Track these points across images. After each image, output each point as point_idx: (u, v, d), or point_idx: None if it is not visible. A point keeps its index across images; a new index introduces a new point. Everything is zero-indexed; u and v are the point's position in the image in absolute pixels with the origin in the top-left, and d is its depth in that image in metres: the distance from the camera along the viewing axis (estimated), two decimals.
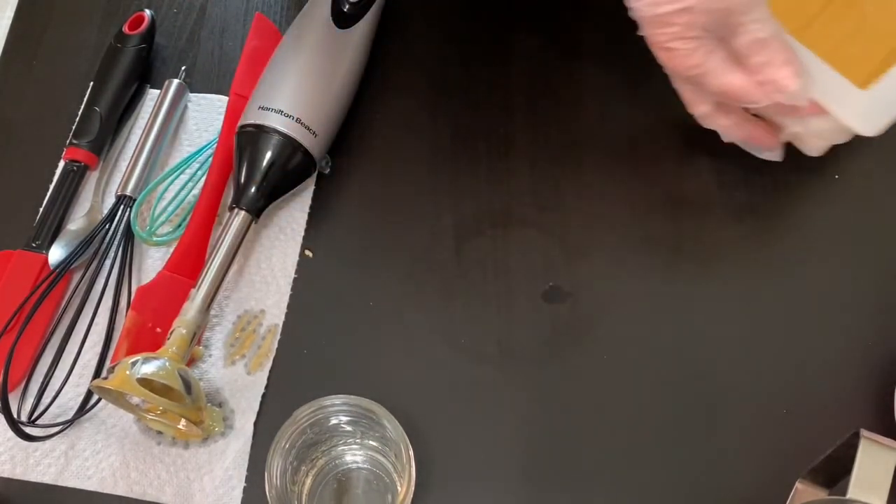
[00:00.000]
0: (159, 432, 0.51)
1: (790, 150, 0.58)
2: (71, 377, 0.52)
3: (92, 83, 0.60)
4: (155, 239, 0.56)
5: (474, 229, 0.56)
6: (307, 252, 0.56)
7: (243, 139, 0.54)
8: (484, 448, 0.51)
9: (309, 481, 0.49)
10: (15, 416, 0.49)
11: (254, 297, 0.55)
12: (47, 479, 0.51)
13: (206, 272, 0.51)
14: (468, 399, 0.52)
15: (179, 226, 0.57)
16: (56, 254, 0.55)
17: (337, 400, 0.46)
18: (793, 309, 0.54)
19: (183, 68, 0.62)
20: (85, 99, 0.60)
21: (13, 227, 0.57)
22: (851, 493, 0.37)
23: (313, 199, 0.58)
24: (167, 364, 0.46)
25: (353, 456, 0.50)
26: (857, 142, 0.59)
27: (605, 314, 0.54)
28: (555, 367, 0.52)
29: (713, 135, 0.50)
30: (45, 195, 0.58)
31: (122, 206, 0.56)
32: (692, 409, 0.51)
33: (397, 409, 0.46)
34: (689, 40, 0.41)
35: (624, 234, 0.55)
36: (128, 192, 0.57)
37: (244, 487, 0.50)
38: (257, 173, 0.53)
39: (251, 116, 0.54)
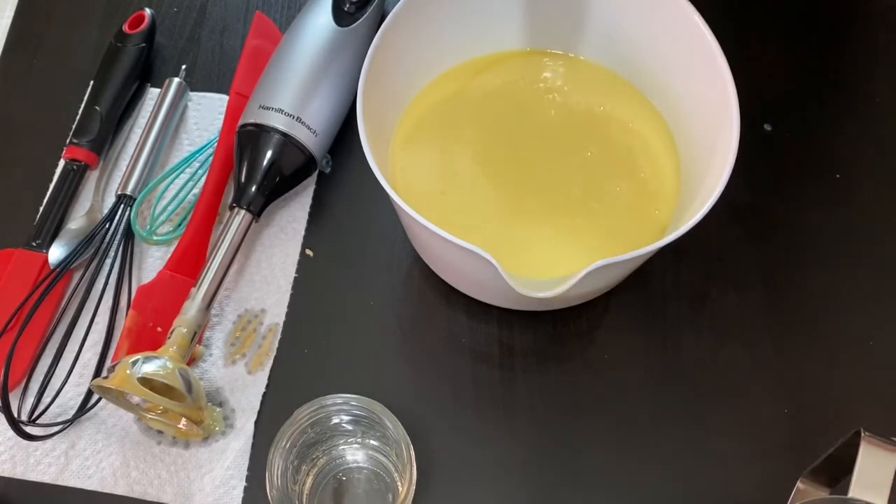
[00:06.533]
0: (160, 432, 0.51)
1: (791, 149, 0.59)
2: (71, 376, 0.51)
3: (92, 82, 0.60)
4: (155, 238, 0.56)
5: None
6: (308, 251, 0.56)
7: (244, 138, 0.54)
8: (484, 448, 0.51)
9: (309, 481, 0.49)
10: (15, 415, 0.49)
11: (254, 296, 0.55)
12: (47, 478, 0.50)
13: (207, 271, 0.51)
14: (469, 399, 0.52)
15: (180, 225, 0.57)
16: (56, 253, 0.55)
17: (338, 399, 0.46)
18: (792, 308, 0.54)
19: (183, 67, 0.62)
20: (85, 98, 0.60)
21: (13, 226, 0.57)
22: (853, 493, 0.37)
23: (314, 199, 0.58)
24: (168, 363, 0.46)
25: (354, 455, 0.50)
26: (857, 142, 0.59)
27: (606, 314, 0.54)
28: (556, 366, 0.52)
29: None
30: (46, 194, 0.58)
31: (122, 206, 0.56)
32: (692, 409, 0.51)
33: (397, 408, 0.46)
34: None
35: None
36: (128, 191, 0.57)
37: (244, 487, 0.50)
38: (258, 172, 0.53)
39: (252, 115, 0.54)
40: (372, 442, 0.49)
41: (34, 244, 0.56)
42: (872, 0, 0.64)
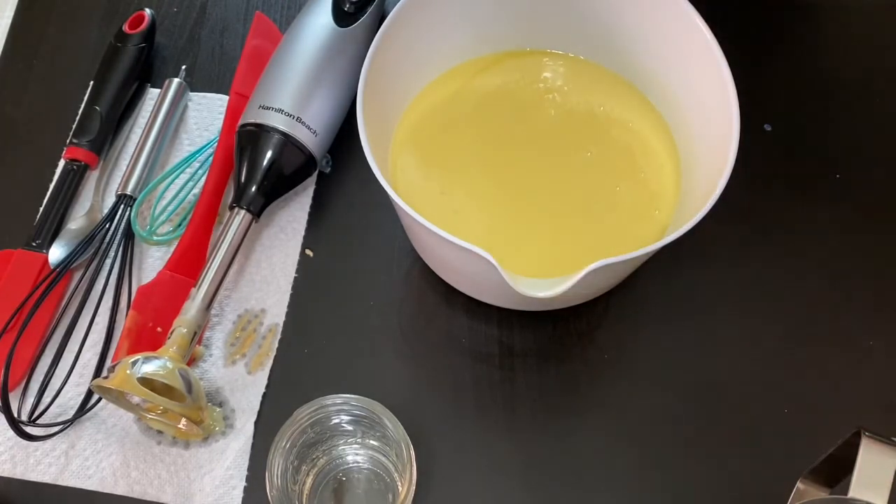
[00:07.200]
0: (160, 432, 0.51)
1: (791, 149, 0.59)
2: (71, 377, 0.51)
3: (92, 82, 0.60)
4: (155, 238, 0.56)
5: None
6: (308, 251, 0.56)
7: (244, 138, 0.54)
8: (484, 448, 0.51)
9: (309, 481, 0.49)
10: (15, 415, 0.49)
11: (254, 296, 0.55)
12: (48, 478, 0.50)
13: (207, 271, 0.51)
14: (469, 399, 0.52)
15: (180, 225, 0.57)
16: (56, 253, 0.55)
17: (338, 399, 0.46)
18: (793, 308, 0.54)
19: (183, 67, 0.62)
20: (85, 98, 0.60)
21: (13, 226, 0.57)
22: (853, 493, 0.37)
23: (314, 199, 0.58)
24: (168, 363, 0.46)
25: (354, 455, 0.50)
26: (857, 140, 0.59)
27: (606, 314, 0.54)
28: (556, 366, 0.52)
29: None
30: (46, 194, 0.58)
31: (122, 206, 0.56)
32: (693, 409, 0.51)
33: (397, 408, 0.46)
34: None
35: None
36: (128, 191, 0.57)
37: (244, 487, 0.50)
38: (258, 172, 0.53)
39: (252, 115, 0.54)
40: (372, 442, 0.49)
41: (34, 244, 0.56)
42: (871, 0, 0.64)
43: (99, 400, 0.51)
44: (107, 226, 0.55)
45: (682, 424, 0.51)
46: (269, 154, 0.53)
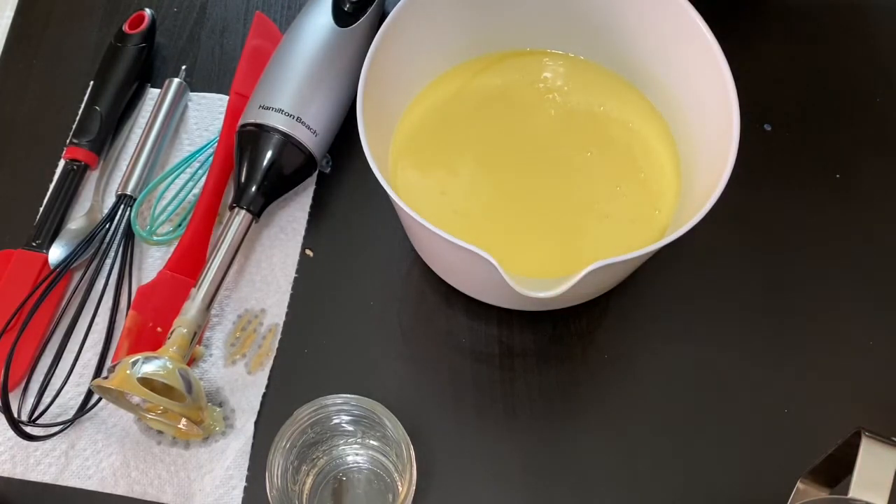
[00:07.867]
0: (160, 432, 0.51)
1: (791, 149, 0.59)
2: (71, 377, 0.51)
3: (92, 82, 0.60)
4: (155, 238, 0.56)
5: None
6: (308, 251, 0.56)
7: (244, 138, 0.54)
8: (484, 448, 0.51)
9: (310, 481, 0.49)
10: (15, 415, 0.49)
11: (254, 296, 0.55)
12: (48, 478, 0.50)
13: (207, 271, 0.51)
14: (469, 399, 0.52)
15: (180, 225, 0.57)
16: (56, 253, 0.55)
17: (338, 399, 0.46)
18: (792, 308, 0.54)
19: (183, 67, 0.62)
20: (85, 98, 0.60)
21: (13, 226, 0.57)
22: (853, 493, 0.37)
23: (314, 199, 0.58)
24: (168, 363, 0.46)
25: (354, 456, 0.50)
26: (857, 140, 0.59)
27: (606, 314, 0.54)
28: (556, 366, 0.52)
29: None
30: (46, 194, 0.58)
31: (122, 206, 0.56)
32: (692, 409, 0.51)
33: (397, 409, 0.46)
34: None
35: None
36: (128, 191, 0.57)
37: (244, 487, 0.50)
38: (258, 172, 0.53)
39: (252, 115, 0.54)
40: (372, 442, 0.49)
41: (34, 244, 0.56)
42: (871, 1, 0.64)
43: (99, 400, 0.51)
44: (107, 226, 0.55)
45: (682, 424, 0.51)
46: (269, 154, 0.53)
